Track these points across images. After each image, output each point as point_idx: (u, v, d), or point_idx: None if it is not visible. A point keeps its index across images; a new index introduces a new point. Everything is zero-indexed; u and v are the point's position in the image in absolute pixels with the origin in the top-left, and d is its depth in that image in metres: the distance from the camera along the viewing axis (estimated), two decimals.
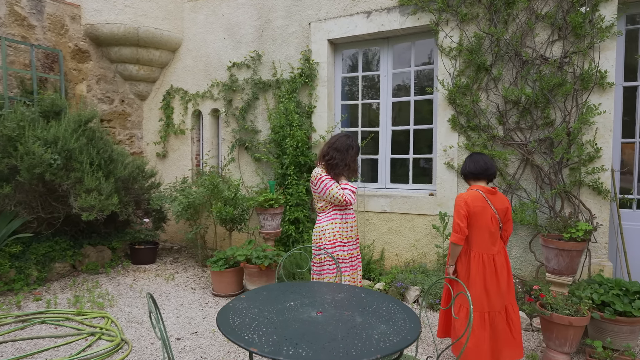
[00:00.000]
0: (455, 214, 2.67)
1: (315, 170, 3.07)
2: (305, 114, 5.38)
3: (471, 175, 2.81)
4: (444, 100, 4.58)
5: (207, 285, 4.66)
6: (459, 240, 2.65)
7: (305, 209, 5.15)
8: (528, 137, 4.22)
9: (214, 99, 6.11)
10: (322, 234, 3.05)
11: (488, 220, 2.66)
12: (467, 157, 2.89)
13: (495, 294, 2.65)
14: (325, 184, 3.01)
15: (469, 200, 2.64)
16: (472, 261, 2.67)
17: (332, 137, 3.15)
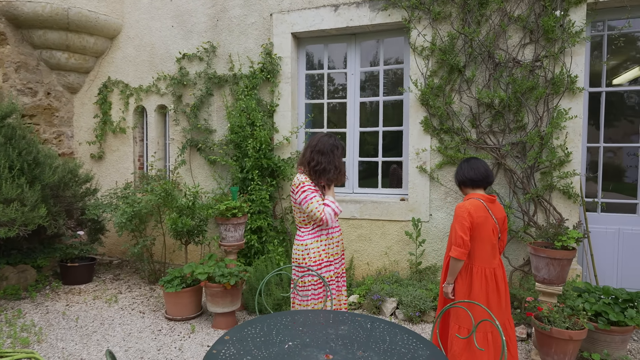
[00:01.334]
0: (457, 225, 2.41)
1: (298, 177, 2.67)
2: (267, 113, 4.94)
3: (470, 182, 2.57)
4: (416, 101, 4.40)
5: (159, 307, 4.06)
6: (462, 256, 2.40)
7: (269, 217, 4.73)
8: (501, 141, 4.16)
9: (161, 94, 5.46)
10: (305, 254, 2.65)
11: (490, 231, 2.46)
12: (463, 163, 2.64)
13: (497, 310, 2.46)
14: (306, 195, 2.61)
15: (472, 210, 2.41)
16: (475, 277, 2.44)
17: (312, 139, 2.77)
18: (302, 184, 2.63)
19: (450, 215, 4.36)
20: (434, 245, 4.43)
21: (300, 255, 2.67)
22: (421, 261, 4.41)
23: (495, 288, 2.45)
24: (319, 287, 2.64)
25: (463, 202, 2.46)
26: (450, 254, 2.42)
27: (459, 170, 2.64)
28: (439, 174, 4.38)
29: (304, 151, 2.73)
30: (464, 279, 2.47)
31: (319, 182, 2.69)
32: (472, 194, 2.53)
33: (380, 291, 4.04)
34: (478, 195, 2.50)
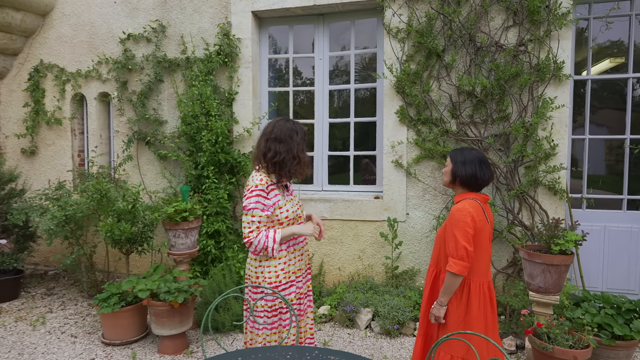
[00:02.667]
0: (458, 233, 1.93)
1: (253, 178, 2.13)
2: (225, 102, 4.39)
3: (476, 186, 2.05)
4: (391, 89, 3.98)
5: (96, 328, 3.45)
6: (464, 271, 1.93)
7: (228, 219, 4.19)
8: (483, 133, 3.81)
9: (103, 80, 4.78)
10: (259, 272, 2.14)
11: (487, 238, 2.05)
12: (473, 158, 2.05)
13: (493, 333, 2.05)
14: (249, 202, 2.06)
15: (474, 214, 1.96)
16: (473, 295, 1.99)
17: (268, 125, 2.24)
18: (252, 188, 2.08)
19: (428, 215, 3.99)
20: (411, 247, 4.04)
21: (253, 273, 2.15)
22: (398, 265, 4.02)
23: (491, 306, 2.04)
24: (274, 314, 2.14)
25: (462, 203, 1.99)
26: (448, 269, 1.94)
27: (464, 166, 2.03)
28: (416, 169, 3.99)
29: (258, 141, 2.21)
30: (459, 298, 2.01)
31: (281, 181, 2.20)
32: (467, 194, 2.07)
33: (353, 301, 3.60)
34: (473, 195, 2.06)
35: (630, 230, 3.73)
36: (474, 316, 1.98)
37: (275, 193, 2.13)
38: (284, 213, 2.15)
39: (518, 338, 3.16)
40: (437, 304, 2.02)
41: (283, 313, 2.18)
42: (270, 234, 2.08)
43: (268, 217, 2.09)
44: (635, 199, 3.75)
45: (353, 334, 3.42)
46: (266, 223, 2.09)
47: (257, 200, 2.06)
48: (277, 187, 2.17)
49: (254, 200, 2.06)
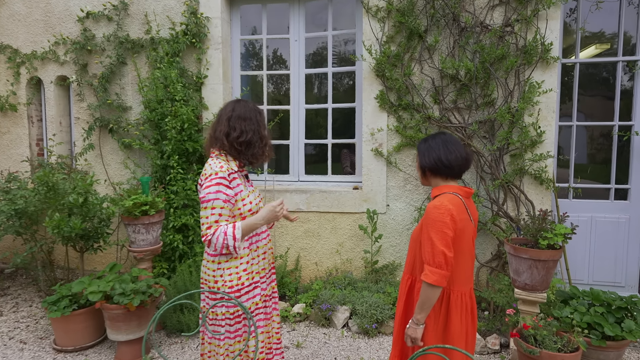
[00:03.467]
0: (435, 235, 1.60)
1: (211, 164, 1.85)
2: (194, 86, 4.08)
3: (447, 170, 1.71)
4: (370, 72, 3.73)
5: (48, 334, 3.16)
6: (443, 281, 1.58)
7: (196, 212, 3.91)
8: (467, 119, 3.60)
9: (61, 62, 4.40)
10: (217, 275, 1.88)
11: (470, 239, 1.72)
12: (435, 140, 1.76)
13: (473, 346, 1.78)
14: (209, 191, 1.78)
15: (455, 212, 1.62)
16: (453, 307, 1.67)
17: (225, 106, 1.97)
18: (212, 176, 1.80)
19: (410, 206, 3.78)
20: (391, 241, 3.84)
21: (211, 276, 1.89)
22: (377, 259, 3.81)
23: (471, 318, 1.75)
24: (237, 321, 1.89)
25: (440, 199, 1.65)
26: (423, 279, 1.59)
27: (428, 152, 1.74)
28: (397, 158, 3.76)
29: (216, 122, 1.93)
30: (437, 312, 1.68)
31: (242, 168, 1.95)
32: (446, 187, 1.72)
33: (330, 298, 3.39)
34: (454, 188, 1.70)
35: (618, 220, 3.59)
36: (455, 332, 1.67)
37: (237, 182, 1.88)
38: (247, 205, 1.89)
39: (502, 336, 2.99)
40: (413, 323, 1.67)
41: (248, 319, 1.94)
42: (229, 230, 1.79)
43: (230, 210, 1.83)
44: (623, 188, 3.61)
45: (329, 334, 3.21)
46: (227, 217, 1.82)
47: (217, 190, 1.78)
48: (239, 176, 1.92)
49: (214, 190, 1.77)
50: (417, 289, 1.71)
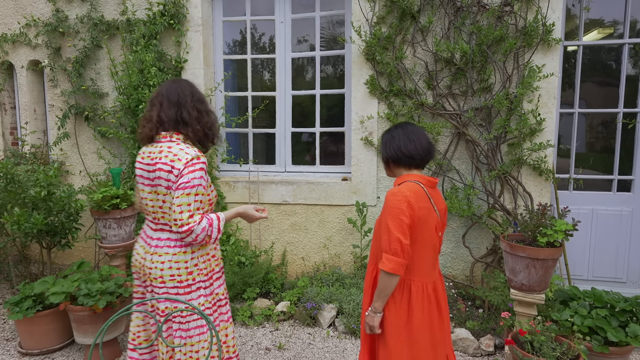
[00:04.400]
0: (391, 222, 1.57)
1: (182, 149, 1.68)
2: (173, 71, 3.83)
3: (408, 160, 1.70)
4: (360, 55, 3.49)
5: (15, 335, 2.97)
6: (399, 269, 1.57)
7: None
8: (462, 106, 3.38)
9: (33, 45, 4.14)
10: (193, 266, 1.73)
11: (433, 229, 1.67)
12: (397, 130, 1.76)
13: (440, 340, 1.70)
14: (194, 176, 1.64)
15: (412, 199, 1.59)
16: (415, 298, 1.64)
17: (163, 88, 1.76)
18: (194, 160, 1.66)
19: None
20: None
21: (184, 268, 1.73)
22: (367, 254, 3.62)
23: (437, 310, 1.69)
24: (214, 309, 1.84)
25: (399, 187, 1.63)
26: (380, 267, 1.59)
27: (390, 142, 1.74)
28: None
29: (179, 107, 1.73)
30: (398, 303, 1.65)
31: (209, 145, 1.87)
32: (408, 176, 1.70)
33: (316, 296, 3.20)
34: (415, 177, 1.69)
35: (620, 213, 3.40)
36: (417, 325, 1.62)
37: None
38: (212, 193, 1.82)
39: (497, 337, 2.82)
40: (371, 311, 1.66)
41: (222, 305, 1.89)
42: (215, 221, 1.71)
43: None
44: (626, 179, 3.41)
45: (314, 334, 3.04)
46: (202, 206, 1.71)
47: (201, 176, 1.68)
48: None
49: (198, 175, 1.66)
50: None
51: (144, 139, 1.76)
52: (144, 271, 1.75)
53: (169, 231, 1.73)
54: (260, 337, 2.99)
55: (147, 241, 1.77)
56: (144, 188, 1.75)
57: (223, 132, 4.03)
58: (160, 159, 1.67)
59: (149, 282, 1.73)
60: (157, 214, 1.73)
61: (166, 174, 1.66)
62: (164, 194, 1.69)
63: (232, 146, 4.29)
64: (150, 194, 1.73)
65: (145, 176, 1.73)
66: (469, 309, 3.23)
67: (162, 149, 1.70)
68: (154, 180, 1.70)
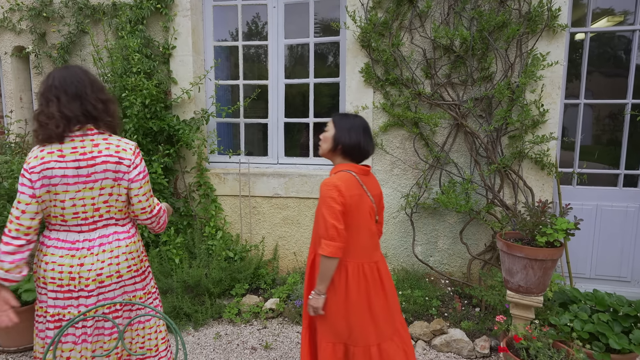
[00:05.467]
0: (325, 210, 1.70)
1: (119, 139, 1.65)
2: (161, 58, 3.68)
3: (358, 155, 1.82)
4: (354, 42, 3.33)
5: None
6: (337, 252, 1.70)
7: (165, 196, 3.59)
8: (462, 96, 3.22)
9: (17, 31, 4.00)
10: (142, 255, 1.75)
11: (367, 214, 1.80)
12: (358, 124, 1.83)
13: (385, 316, 1.84)
14: (144, 165, 1.68)
15: (343, 188, 1.71)
16: (351, 277, 1.78)
17: (55, 80, 1.57)
18: (137, 150, 1.68)
19: (397, 192, 3.44)
20: None
21: (138, 259, 1.71)
22: None
23: (380, 287, 1.83)
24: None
25: (331, 177, 1.76)
26: (320, 252, 1.71)
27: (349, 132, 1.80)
28: (383, 139, 3.40)
29: (64, 100, 1.54)
30: (337, 282, 1.78)
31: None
32: (342, 166, 1.81)
33: None
34: (348, 166, 1.80)
35: (626, 209, 3.25)
36: (354, 300, 1.77)
37: None
38: None
39: (493, 338, 2.69)
40: (315, 294, 1.78)
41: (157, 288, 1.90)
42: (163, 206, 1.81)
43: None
44: (633, 174, 3.25)
45: None
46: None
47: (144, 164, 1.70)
48: None
49: (144, 164, 1.69)
50: (318, 263, 1.78)
51: (51, 137, 1.54)
52: (80, 277, 1.56)
53: (114, 225, 1.64)
54: (247, 335, 2.88)
55: (76, 247, 1.58)
56: (68, 189, 1.54)
57: (213, 122, 3.89)
58: (101, 152, 1.55)
59: (96, 285, 1.57)
60: (98, 210, 1.58)
61: (114, 166, 1.57)
62: (111, 187, 1.58)
63: (224, 137, 4.15)
64: (85, 192, 1.55)
65: (74, 174, 1.54)
66: (465, 308, 3.11)
67: (96, 141, 1.57)
68: (92, 175, 1.54)
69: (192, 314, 2.97)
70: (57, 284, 1.59)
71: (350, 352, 1.79)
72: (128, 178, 1.59)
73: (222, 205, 3.77)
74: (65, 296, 1.59)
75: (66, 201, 1.55)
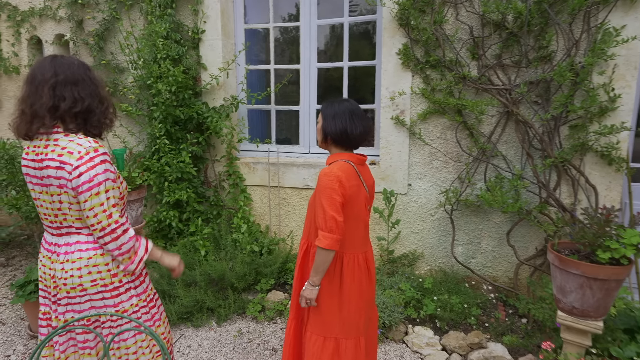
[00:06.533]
0: (325, 201, 1.62)
1: (74, 140, 1.41)
2: (190, 43, 3.57)
3: (348, 142, 1.73)
4: (392, 21, 3.01)
5: None
6: (335, 245, 1.63)
7: (194, 185, 3.53)
8: (514, 79, 2.82)
9: (57, 19, 4.06)
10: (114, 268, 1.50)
11: (363, 205, 1.77)
12: (343, 109, 1.71)
13: (371, 306, 1.89)
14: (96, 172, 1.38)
15: (344, 178, 1.64)
16: (346, 269, 1.74)
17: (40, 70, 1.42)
18: (90, 154, 1.39)
19: (436, 186, 3.14)
20: (413, 227, 3.24)
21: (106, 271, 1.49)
22: (394, 249, 3.25)
23: (367, 276, 1.81)
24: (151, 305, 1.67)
25: (330, 167, 1.67)
26: (317, 244, 1.64)
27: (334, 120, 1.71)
28: (422, 128, 3.09)
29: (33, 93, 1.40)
30: (331, 274, 1.73)
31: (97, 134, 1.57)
32: (339, 155, 1.74)
33: None
34: (346, 156, 1.74)
35: None
36: (347, 293, 1.74)
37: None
38: (123, 184, 1.56)
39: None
40: (309, 285, 1.71)
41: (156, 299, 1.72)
42: (143, 241, 1.56)
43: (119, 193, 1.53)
44: None
45: None
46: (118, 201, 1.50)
47: (106, 169, 1.42)
48: None
49: (101, 170, 1.40)
50: (312, 253, 1.77)
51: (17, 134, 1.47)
52: (54, 283, 1.48)
53: (76, 233, 1.47)
54: (269, 334, 2.76)
55: (51, 249, 1.50)
56: (34, 188, 1.48)
57: (244, 110, 3.76)
58: (47, 154, 1.40)
59: (64, 294, 1.46)
60: (57, 217, 1.46)
61: (55, 171, 1.38)
62: (58, 194, 1.42)
63: (256, 125, 4.01)
64: (43, 195, 1.46)
65: (34, 175, 1.45)
66: (510, 318, 2.78)
67: (48, 142, 1.42)
68: (43, 179, 1.43)
69: (215, 309, 2.90)
70: (43, 284, 1.58)
71: (342, 346, 1.74)
72: (71, 187, 1.38)
73: (251, 195, 3.65)
74: (47, 297, 1.56)
75: (37, 201, 1.49)
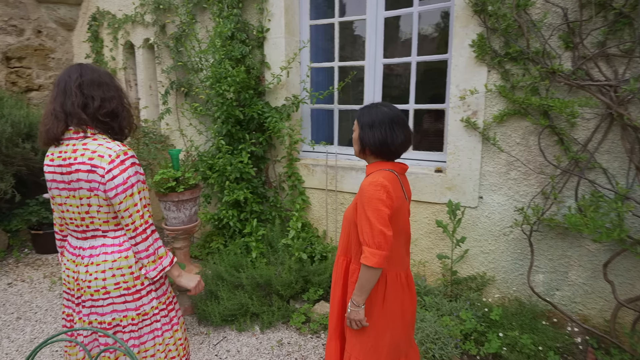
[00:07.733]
0: (372, 213, 1.48)
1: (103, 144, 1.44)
2: (255, 42, 3.56)
3: (389, 154, 1.61)
4: (465, 8, 2.61)
5: None
6: (383, 262, 1.48)
7: (253, 185, 3.52)
8: (622, 73, 2.24)
9: (145, 24, 4.37)
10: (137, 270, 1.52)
11: (406, 217, 1.67)
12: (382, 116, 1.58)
13: (410, 323, 1.73)
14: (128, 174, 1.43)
15: (390, 189, 1.52)
16: (389, 288, 1.62)
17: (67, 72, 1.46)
18: (121, 157, 1.43)
19: (513, 201, 2.67)
20: (483, 246, 2.81)
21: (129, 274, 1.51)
22: (457, 270, 2.86)
23: (409, 296, 1.69)
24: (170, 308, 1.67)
25: (374, 176, 1.54)
26: (363, 262, 1.49)
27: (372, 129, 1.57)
28: (498, 132, 2.65)
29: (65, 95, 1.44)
30: (373, 295, 1.59)
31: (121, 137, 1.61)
32: (382, 164, 1.61)
33: None
34: (390, 165, 1.62)
35: None
36: (391, 313, 1.62)
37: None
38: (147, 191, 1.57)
39: None
40: (354, 306, 1.56)
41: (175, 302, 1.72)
42: (170, 254, 1.60)
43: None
44: None
45: None
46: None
47: (136, 171, 1.47)
48: None
49: (133, 172, 1.45)
50: (353, 270, 1.65)
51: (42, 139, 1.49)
52: (78, 286, 1.51)
53: (102, 237, 1.49)
54: (310, 350, 2.61)
55: (75, 253, 1.53)
56: (61, 194, 1.49)
57: (307, 110, 3.64)
58: (77, 159, 1.41)
59: (88, 296, 1.49)
60: (84, 220, 1.47)
61: (86, 175, 1.40)
62: (88, 197, 1.44)
63: (321, 125, 3.87)
64: (70, 199, 1.47)
65: (61, 180, 1.46)
66: None
67: (76, 146, 1.44)
68: (71, 183, 1.44)
69: (260, 314, 2.84)
70: (66, 287, 1.62)
71: None
72: (104, 189, 1.41)
73: (309, 198, 3.53)
74: (71, 299, 1.60)
75: (62, 206, 1.51)
